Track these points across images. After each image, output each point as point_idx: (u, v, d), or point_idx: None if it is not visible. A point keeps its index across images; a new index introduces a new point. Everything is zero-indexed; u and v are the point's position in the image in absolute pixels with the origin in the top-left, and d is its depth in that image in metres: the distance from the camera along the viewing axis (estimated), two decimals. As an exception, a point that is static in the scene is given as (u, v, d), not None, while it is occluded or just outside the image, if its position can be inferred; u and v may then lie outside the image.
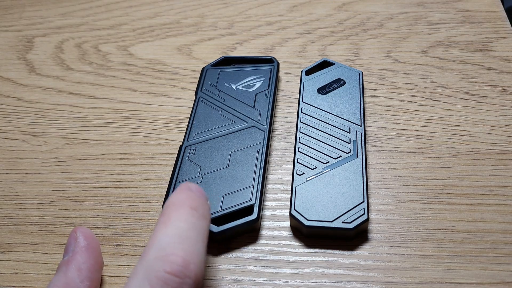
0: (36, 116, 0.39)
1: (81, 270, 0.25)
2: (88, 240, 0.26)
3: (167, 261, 0.20)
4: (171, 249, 0.21)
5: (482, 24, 0.43)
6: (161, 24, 0.47)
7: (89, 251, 0.25)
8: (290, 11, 0.47)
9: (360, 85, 0.36)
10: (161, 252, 0.21)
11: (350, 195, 0.29)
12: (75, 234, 0.26)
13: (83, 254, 0.25)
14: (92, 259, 0.25)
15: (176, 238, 0.21)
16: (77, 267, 0.25)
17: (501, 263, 0.27)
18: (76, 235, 0.26)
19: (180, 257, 0.21)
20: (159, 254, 0.21)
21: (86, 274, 0.25)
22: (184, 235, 0.22)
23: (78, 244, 0.26)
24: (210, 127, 0.34)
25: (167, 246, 0.21)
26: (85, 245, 0.26)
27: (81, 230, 0.26)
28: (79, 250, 0.25)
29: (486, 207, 0.30)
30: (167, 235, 0.22)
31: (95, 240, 0.26)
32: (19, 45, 0.46)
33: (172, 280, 0.20)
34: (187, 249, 0.21)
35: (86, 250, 0.25)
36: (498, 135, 0.34)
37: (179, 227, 0.22)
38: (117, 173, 0.34)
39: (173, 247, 0.21)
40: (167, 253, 0.21)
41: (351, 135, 0.33)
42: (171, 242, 0.21)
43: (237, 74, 0.38)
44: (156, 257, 0.21)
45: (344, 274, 0.28)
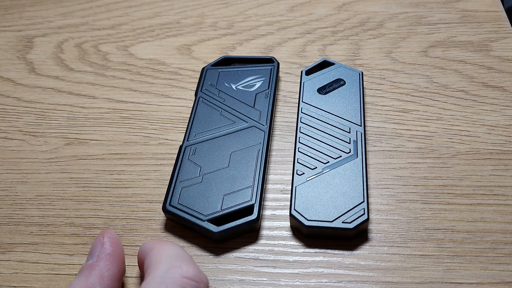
0: (36, 116, 0.39)
1: (103, 278, 0.24)
2: (114, 246, 0.26)
3: (182, 268, 0.22)
4: (180, 263, 0.22)
5: (482, 24, 0.43)
6: (161, 24, 0.47)
7: (114, 259, 0.25)
8: (290, 11, 0.47)
9: (360, 85, 0.36)
10: (172, 264, 0.22)
11: (350, 195, 0.29)
12: (102, 238, 0.26)
13: (107, 261, 0.25)
14: (115, 267, 0.25)
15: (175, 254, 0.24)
16: (100, 274, 0.24)
17: (501, 263, 0.27)
18: (103, 240, 0.26)
19: (192, 267, 0.22)
20: (172, 265, 0.22)
21: (107, 282, 0.24)
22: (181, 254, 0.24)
23: (104, 250, 0.25)
24: (210, 127, 0.34)
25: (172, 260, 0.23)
26: (111, 252, 0.25)
27: (108, 235, 0.26)
28: (104, 256, 0.25)
29: (486, 207, 0.30)
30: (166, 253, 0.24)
31: (120, 247, 0.26)
32: (19, 45, 0.46)
33: (189, 283, 0.21)
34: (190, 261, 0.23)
35: (110, 257, 0.25)
36: (498, 135, 0.34)
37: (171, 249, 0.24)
38: (117, 173, 0.34)
39: (179, 259, 0.23)
40: (179, 264, 0.22)
41: (351, 135, 0.33)
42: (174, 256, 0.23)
43: (237, 74, 0.38)
44: (170, 267, 0.22)
45: (344, 274, 0.28)
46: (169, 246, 0.25)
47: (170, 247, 0.25)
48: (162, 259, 0.23)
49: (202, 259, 0.29)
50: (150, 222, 0.31)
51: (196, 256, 0.29)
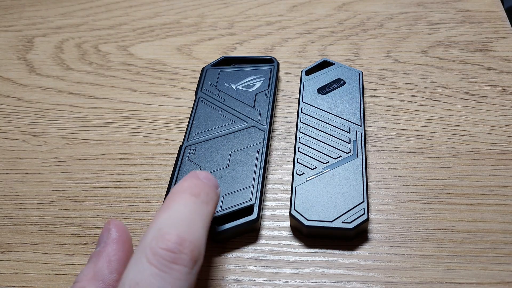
0: (36, 116, 0.39)
1: (110, 262, 0.25)
2: (120, 232, 0.26)
3: (162, 239, 0.21)
4: (166, 229, 0.22)
5: (482, 24, 0.43)
6: (161, 24, 0.47)
7: (120, 243, 0.25)
8: (290, 11, 0.47)
9: (360, 85, 0.36)
10: (157, 232, 0.22)
11: (350, 195, 0.29)
12: (108, 226, 0.26)
13: (114, 246, 0.25)
14: (122, 251, 0.25)
15: (172, 219, 0.22)
16: (107, 259, 0.25)
17: (501, 263, 0.27)
18: (109, 227, 0.26)
19: (175, 235, 0.21)
20: (157, 234, 0.22)
21: (115, 266, 0.24)
22: (182, 217, 0.23)
23: (110, 236, 0.25)
24: (210, 127, 0.34)
25: (164, 226, 0.22)
26: (117, 237, 0.25)
27: (114, 222, 0.26)
28: (110, 241, 0.25)
29: (486, 207, 0.30)
30: (165, 217, 0.22)
31: (127, 232, 0.26)
32: (19, 45, 0.46)
33: (167, 255, 0.21)
34: (183, 229, 0.22)
35: (117, 242, 0.25)
36: (498, 135, 0.34)
37: (177, 210, 0.23)
38: (117, 173, 0.34)
39: (168, 227, 0.22)
40: (163, 232, 0.22)
41: (351, 135, 0.33)
42: (168, 223, 0.22)
43: (237, 74, 0.38)
44: (153, 236, 0.22)
45: (344, 274, 0.28)
46: (178, 202, 0.24)
47: (179, 203, 0.24)
48: (156, 221, 0.23)
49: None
50: (150, 222, 0.31)
51: (196, 256, 0.29)
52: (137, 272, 0.21)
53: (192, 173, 0.26)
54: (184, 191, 0.24)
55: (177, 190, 0.24)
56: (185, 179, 0.25)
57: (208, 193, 0.25)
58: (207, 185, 0.25)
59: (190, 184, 0.25)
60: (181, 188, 0.24)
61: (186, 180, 0.25)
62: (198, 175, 0.25)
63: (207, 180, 0.25)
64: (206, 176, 0.26)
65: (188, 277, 0.21)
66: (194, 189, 0.24)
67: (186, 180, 0.25)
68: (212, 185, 0.25)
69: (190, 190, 0.24)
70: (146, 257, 0.21)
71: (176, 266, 0.21)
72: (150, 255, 0.21)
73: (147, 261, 0.21)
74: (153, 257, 0.21)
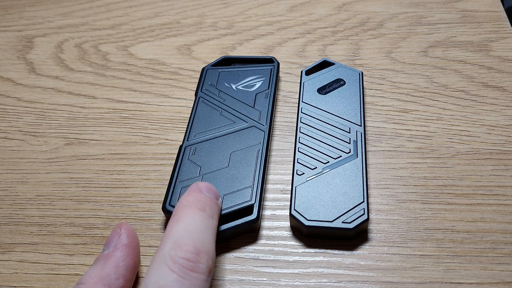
0: (36, 116, 0.39)
1: (118, 268, 0.25)
2: (130, 238, 0.26)
3: (180, 249, 0.23)
4: (182, 240, 0.23)
5: (482, 24, 0.43)
6: (161, 24, 0.47)
7: (129, 250, 0.26)
8: (290, 11, 0.47)
9: (360, 85, 0.36)
10: (174, 244, 0.23)
11: (350, 195, 0.29)
12: (119, 230, 0.26)
13: (123, 251, 0.26)
14: (131, 258, 0.26)
15: (186, 232, 0.24)
16: (115, 264, 0.25)
17: (501, 263, 0.27)
18: (120, 231, 0.26)
19: (191, 246, 0.23)
20: (174, 245, 0.23)
21: (122, 272, 0.25)
22: (193, 230, 0.24)
23: (121, 241, 0.26)
24: (210, 127, 0.34)
25: (179, 238, 0.24)
26: (127, 243, 0.26)
27: (125, 226, 0.27)
28: (120, 246, 0.26)
29: (486, 207, 0.30)
30: (179, 230, 0.24)
31: (136, 239, 0.27)
32: (19, 45, 0.46)
33: (186, 263, 0.23)
34: (197, 240, 0.24)
35: (126, 248, 0.26)
36: (498, 135, 0.34)
37: (188, 224, 0.24)
38: (117, 173, 0.34)
39: (184, 239, 0.24)
40: (180, 243, 0.23)
41: (351, 135, 0.33)
42: (182, 235, 0.24)
43: (237, 74, 0.38)
44: (171, 248, 0.23)
45: (344, 274, 0.28)
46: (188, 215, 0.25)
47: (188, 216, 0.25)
48: (171, 233, 0.24)
49: (202, 259, 0.29)
50: (150, 222, 0.31)
51: (196, 256, 0.29)
52: (160, 277, 0.22)
53: (194, 186, 0.27)
54: (190, 205, 0.25)
55: (184, 204, 0.26)
56: (189, 192, 0.27)
57: (211, 207, 0.26)
58: (210, 200, 0.27)
59: (195, 199, 0.26)
60: (187, 202, 0.26)
61: (190, 194, 0.26)
62: (200, 188, 0.27)
63: (208, 192, 0.27)
64: (207, 188, 0.27)
65: (205, 284, 0.23)
66: (199, 203, 0.26)
67: (190, 194, 0.26)
68: (213, 197, 0.27)
69: (196, 205, 0.26)
70: (166, 265, 0.22)
71: (194, 274, 0.23)
72: (170, 263, 0.22)
73: (168, 268, 0.22)
74: (173, 265, 0.22)
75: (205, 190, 0.27)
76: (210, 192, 0.27)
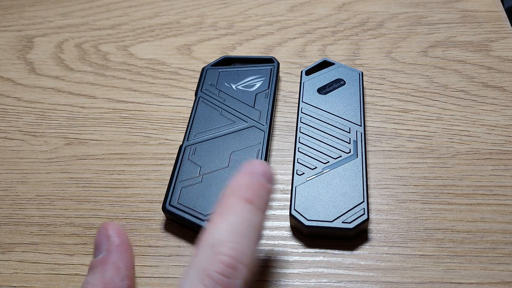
0: (36, 116, 0.39)
1: (119, 269, 0.24)
2: (121, 237, 0.25)
3: (216, 262, 0.21)
4: (221, 249, 0.22)
5: (482, 24, 0.43)
6: (161, 24, 0.47)
7: (124, 249, 0.25)
8: (290, 11, 0.47)
9: (360, 85, 0.36)
10: (211, 250, 0.22)
11: (350, 195, 0.29)
12: (105, 231, 0.25)
13: (119, 252, 0.24)
14: (127, 257, 0.25)
15: (226, 234, 0.22)
16: (115, 267, 0.24)
17: (501, 263, 0.27)
18: (108, 233, 0.25)
19: (229, 257, 0.21)
20: (211, 253, 0.22)
21: (124, 272, 0.24)
22: (236, 231, 0.22)
23: (113, 243, 0.25)
24: (210, 127, 0.34)
25: (217, 243, 0.22)
26: (119, 242, 0.25)
27: (111, 226, 0.25)
28: (114, 248, 0.24)
29: (486, 207, 0.30)
30: (219, 231, 0.22)
31: (126, 236, 0.25)
32: (19, 45, 0.46)
33: (222, 280, 0.21)
34: (237, 248, 0.22)
35: (121, 248, 0.25)
36: (498, 135, 0.34)
37: (231, 223, 0.22)
38: (117, 173, 0.34)
39: (222, 245, 0.22)
40: (217, 251, 0.22)
41: (351, 135, 0.33)
42: (222, 239, 0.22)
43: (237, 74, 0.38)
44: (208, 256, 0.22)
45: (344, 274, 0.28)
46: (234, 211, 0.23)
47: (234, 212, 0.23)
48: (212, 232, 0.22)
49: (202, 259, 0.29)
50: (150, 222, 0.31)
51: (196, 256, 0.29)
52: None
53: (247, 166, 0.25)
54: (239, 195, 0.23)
55: (232, 192, 0.24)
56: (240, 175, 0.24)
57: (263, 198, 0.24)
58: (262, 186, 0.24)
59: (246, 185, 0.24)
60: (237, 189, 0.24)
61: (241, 177, 0.24)
62: (255, 171, 0.24)
63: (262, 175, 0.24)
64: (263, 172, 0.24)
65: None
66: (249, 193, 0.24)
67: (241, 177, 0.24)
68: (267, 181, 0.24)
69: (245, 194, 0.23)
70: (199, 278, 0.21)
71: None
72: (203, 276, 0.21)
73: (200, 281, 0.21)
74: (207, 279, 0.21)
75: (259, 172, 0.24)
76: (265, 175, 0.24)
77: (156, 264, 0.29)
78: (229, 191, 0.24)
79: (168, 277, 0.28)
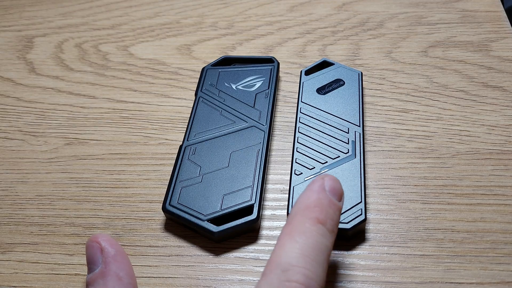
0: (36, 116, 0.39)
1: (121, 279, 0.24)
2: (115, 247, 0.25)
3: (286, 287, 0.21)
4: (292, 274, 0.21)
5: (482, 24, 0.43)
6: (161, 24, 0.47)
7: (121, 257, 0.24)
8: (290, 11, 0.47)
9: (359, 85, 0.36)
10: (281, 274, 0.21)
11: (348, 195, 0.29)
12: (97, 244, 0.25)
13: (117, 262, 0.24)
14: (126, 265, 0.24)
15: (298, 258, 0.21)
16: (116, 277, 0.24)
17: (501, 263, 0.27)
18: (100, 245, 0.25)
19: (301, 284, 0.21)
20: (282, 278, 0.21)
21: (127, 280, 0.24)
22: (307, 254, 0.21)
23: (108, 254, 0.24)
24: (210, 127, 0.34)
25: (288, 267, 0.21)
26: (115, 252, 0.24)
27: (102, 238, 0.25)
28: (111, 259, 0.24)
29: (486, 207, 0.30)
30: (290, 253, 0.22)
31: (118, 244, 0.25)
32: (19, 45, 0.46)
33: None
34: (309, 273, 0.21)
35: (117, 257, 0.24)
36: (498, 135, 0.34)
37: (303, 245, 0.22)
38: (117, 173, 0.34)
39: (295, 272, 0.21)
40: (287, 277, 0.21)
41: (349, 135, 0.33)
42: (292, 262, 0.21)
43: (237, 74, 0.38)
44: (279, 281, 0.21)
45: (344, 274, 0.28)
46: (305, 232, 0.22)
47: (305, 233, 0.22)
48: (282, 253, 0.22)
49: (202, 259, 0.29)
50: (150, 222, 0.31)
51: (196, 256, 0.29)
52: None
53: (319, 182, 0.24)
54: (310, 213, 0.23)
55: (303, 209, 0.23)
56: (311, 191, 0.23)
57: (334, 218, 0.23)
58: (334, 205, 0.23)
59: (317, 203, 0.23)
60: (307, 206, 0.23)
61: (313, 194, 0.23)
62: (325, 186, 0.23)
63: (332, 193, 0.24)
64: (332, 188, 0.24)
65: None
66: (321, 212, 0.23)
67: (313, 194, 0.23)
68: (337, 200, 0.24)
69: (316, 214, 0.23)
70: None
71: None
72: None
73: None
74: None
75: (329, 190, 0.23)
76: (335, 193, 0.23)
77: (156, 264, 0.29)
78: (299, 208, 0.23)
79: (168, 277, 0.28)
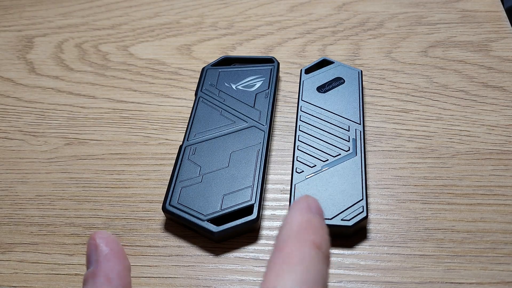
0: (36, 116, 0.39)
1: (110, 279, 0.23)
2: (110, 245, 0.24)
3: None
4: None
5: (482, 24, 0.43)
6: (161, 24, 0.47)
7: (114, 257, 0.24)
8: (290, 11, 0.47)
9: (359, 83, 0.36)
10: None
11: (349, 192, 0.29)
12: (94, 241, 0.24)
13: (109, 261, 0.23)
14: (119, 264, 0.23)
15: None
16: (106, 277, 0.23)
17: (501, 263, 0.27)
18: (96, 243, 0.24)
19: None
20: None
21: (117, 282, 0.23)
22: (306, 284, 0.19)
23: (101, 253, 0.24)
24: (210, 127, 0.34)
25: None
26: (108, 252, 0.24)
27: (100, 236, 0.24)
28: (103, 258, 0.23)
29: (486, 207, 0.30)
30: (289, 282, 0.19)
31: (116, 243, 0.24)
32: (19, 45, 0.46)
33: None
34: None
35: (110, 257, 0.24)
36: (498, 135, 0.34)
37: (299, 274, 0.20)
38: (117, 173, 0.34)
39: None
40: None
41: (350, 133, 0.33)
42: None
43: (237, 74, 0.38)
44: None
45: (344, 274, 0.28)
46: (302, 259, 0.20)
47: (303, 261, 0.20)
48: (277, 284, 0.20)
49: (202, 259, 0.29)
50: (150, 222, 0.31)
51: (196, 256, 0.29)
52: None
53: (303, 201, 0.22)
54: (305, 238, 0.21)
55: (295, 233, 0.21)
56: (299, 211, 0.21)
57: (327, 240, 0.21)
58: (324, 227, 0.22)
59: (308, 226, 0.21)
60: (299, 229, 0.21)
61: (302, 215, 0.21)
62: (310, 206, 0.22)
63: (319, 214, 0.22)
64: (317, 208, 0.22)
65: None
66: (315, 235, 0.21)
67: (302, 215, 0.21)
68: (323, 222, 0.22)
69: (311, 237, 0.21)
70: None
71: None
72: None
73: None
74: None
75: (315, 211, 0.22)
76: (320, 213, 0.22)
77: (156, 264, 0.29)
78: (290, 231, 0.21)
79: (168, 277, 0.28)
